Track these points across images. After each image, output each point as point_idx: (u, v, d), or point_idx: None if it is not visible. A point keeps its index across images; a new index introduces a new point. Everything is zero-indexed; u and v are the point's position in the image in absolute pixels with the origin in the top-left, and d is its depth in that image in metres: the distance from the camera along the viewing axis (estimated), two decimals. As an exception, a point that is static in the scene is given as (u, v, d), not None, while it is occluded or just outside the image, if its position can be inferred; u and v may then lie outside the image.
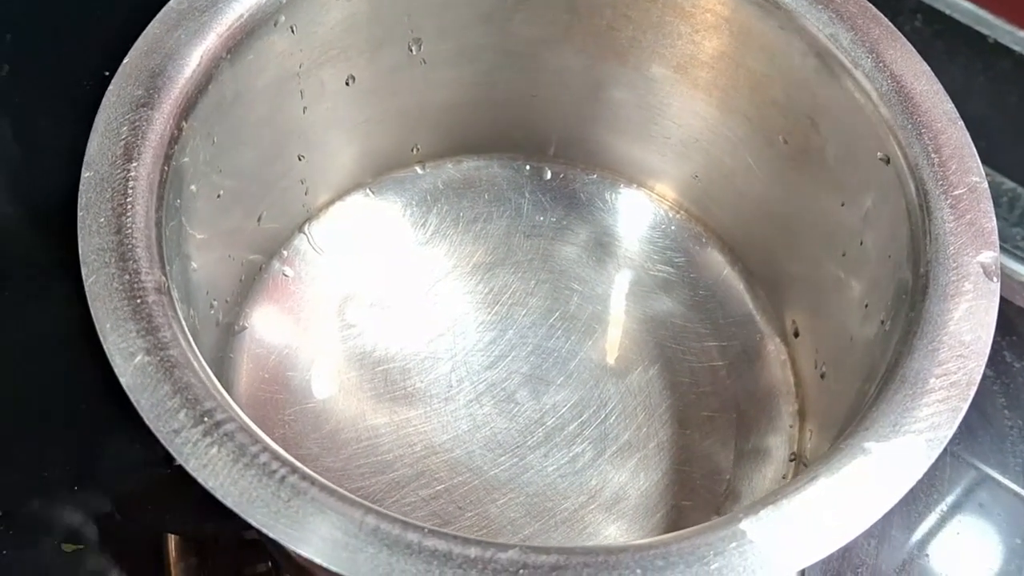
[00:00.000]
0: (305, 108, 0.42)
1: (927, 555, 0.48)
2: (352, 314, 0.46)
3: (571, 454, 0.43)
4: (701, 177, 0.48)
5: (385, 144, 0.48)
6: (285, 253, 0.46)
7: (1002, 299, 0.56)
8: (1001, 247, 0.57)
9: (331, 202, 0.48)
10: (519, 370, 0.45)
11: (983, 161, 0.59)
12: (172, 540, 0.43)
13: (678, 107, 0.46)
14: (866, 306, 0.38)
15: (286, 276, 0.46)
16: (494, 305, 0.47)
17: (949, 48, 0.58)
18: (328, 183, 0.47)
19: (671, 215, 0.50)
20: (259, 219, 0.43)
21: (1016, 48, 0.57)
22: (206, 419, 0.28)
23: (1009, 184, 0.59)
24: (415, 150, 0.49)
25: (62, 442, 0.47)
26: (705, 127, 0.46)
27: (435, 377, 0.44)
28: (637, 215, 0.50)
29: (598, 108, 0.48)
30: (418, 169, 0.50)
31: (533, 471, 0.42)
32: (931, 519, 0.48)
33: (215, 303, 0.40)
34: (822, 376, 0.42)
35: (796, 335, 0.45)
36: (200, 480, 0.27)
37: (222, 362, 0.42)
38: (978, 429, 0.51)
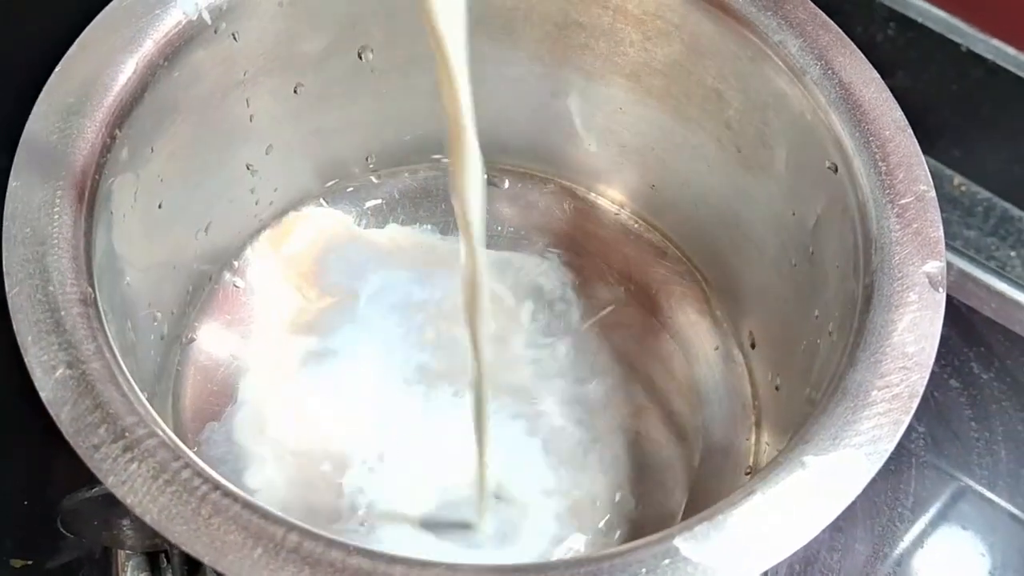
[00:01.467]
0: (252, 116, 0.41)
1: (892, 568, 0.47)
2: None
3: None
4: (658, 186, 0.47)
5: (338, 153, 0.47)
6: (236, 264, 0.46)
7: (970, 309, 0.56)
8: (974, 257, 0.57)
9: (284, 212, 0.47)
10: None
11: (957, 170, 0.58)
12: (121, 556, 0.42)
13: (633, 115, 0.45)
14: (816, 317, 0.37)
15: (237, 287, 0.45)
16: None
17: (922, 56, 0.57)
18: (280, 193, 0.46)
19: (629, 224, 0.49)
20: (206, 229, 0.43)
21: (989, 56, 0.56)
22: (127, 434, 0.27)
23: (984, 194, 0.59)
24: (369, 159, 0.48)
25: (11, 457, 0.47)
26: (661, 135, 0.45)
27: (387, 389, 0.44)
28: (594, 224, 0.49)
29: (553, 117, 0.47)
30: (373, 179, 0.49)
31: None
32: (896, 531, 0.48)
33: (159, 315, 0.40)
34: (776, 388, 0.42)
35: (753, 346, 0.45)
36: (119, 496, 0.27)
37: (168, 375, 0.42)
38: (944, 441, 0.50)
